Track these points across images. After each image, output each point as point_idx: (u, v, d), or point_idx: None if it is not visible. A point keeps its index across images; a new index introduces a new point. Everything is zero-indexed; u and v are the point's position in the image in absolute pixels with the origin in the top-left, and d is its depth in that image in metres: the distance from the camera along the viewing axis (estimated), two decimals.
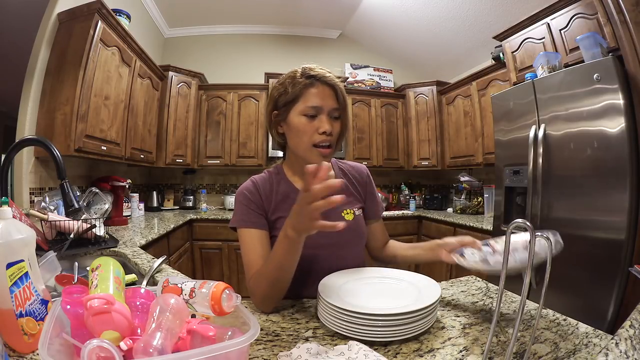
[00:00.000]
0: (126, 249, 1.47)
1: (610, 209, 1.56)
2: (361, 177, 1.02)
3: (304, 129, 0.84)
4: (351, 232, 0.93)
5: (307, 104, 0.84)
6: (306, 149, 0.85)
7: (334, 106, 0.85)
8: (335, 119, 0.86)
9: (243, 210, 0.89)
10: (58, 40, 1.92)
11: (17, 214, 1.10)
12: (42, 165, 1.93)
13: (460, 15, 2.98)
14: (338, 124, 0.86)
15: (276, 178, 0.94)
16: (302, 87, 0.84)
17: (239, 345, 0.46)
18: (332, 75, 0.86)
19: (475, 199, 3.16)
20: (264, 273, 0.76)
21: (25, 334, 0.55)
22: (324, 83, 0.84)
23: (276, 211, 0.90)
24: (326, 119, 0.83)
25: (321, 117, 0.84)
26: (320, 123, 0.83)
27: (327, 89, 0.84)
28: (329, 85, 0.85)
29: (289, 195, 0.91)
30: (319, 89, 0.84)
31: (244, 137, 3.42)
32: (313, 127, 0.83)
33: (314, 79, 0.84)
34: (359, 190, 1.00)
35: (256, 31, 3.95)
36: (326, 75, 0.85)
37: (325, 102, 0.84)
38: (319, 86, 0.84)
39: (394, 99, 3.79)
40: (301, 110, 0.84)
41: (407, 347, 0.61)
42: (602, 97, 1.59)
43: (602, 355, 0.47)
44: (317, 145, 0.84)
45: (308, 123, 0.84)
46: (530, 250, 0.44)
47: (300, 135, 0.85)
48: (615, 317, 1.51)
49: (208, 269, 2.98)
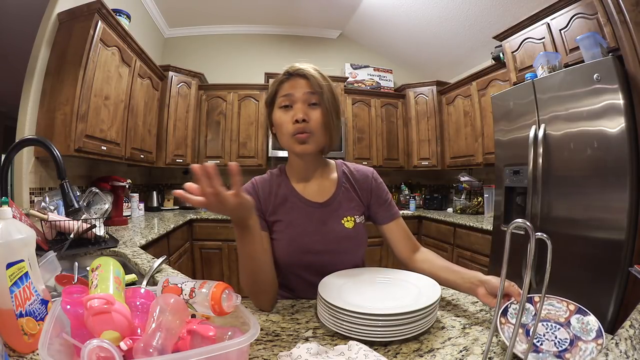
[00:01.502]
0: (126, 249, 1.47)
1: (610, 209, 1.56)
2: (365, 181, 0.96)
3: (280, 120, 0.85)
4: (350, 240, 0.90)
5: (281, 96, 0.86)
6: (287, 140, 0.85)
7: (306, 91, 0.84)
8: (314, 105, 0.85)
9: None
10: (58, 40, 1.92)
11: (17, 214, 1.10)
12: (42, 165, 1.93)
13: (460, 15, 2.98)
14: (317, 111, 0.84)
15: (277, 180, 0.94)
16: (278, 83, 0.87)
17: (239, 345, 0.46)
18: (307, 67, 0.86)
19: (475, 199, 3.16)
20: (242, 269, 0.76)
21: (25, 334, 0.55)
22: (296, 75, 0.85)
23: (274, 213, 0.90)
24: (301, 107, 0.83)
25: (295, 106, 0.84)
26: (294, 112, 0.84)
27: (299, 79, 0.85)
28: (300, 76, 0.85)
29: (288, 198, 0.91)
30: (291, 81, 0.85)
31: (244, 137, 3.42)
32: (289, 117, 0.84)
33: (288, 74, 0.86)
34: (360, 196, 0.95)
35: (256, 31, 3.95)
36: (301, 67, 0.86)
37: (296, 90, 0.84)
38: (292, 79, 0.85)
39: (394, 99, 3.79)
40: (278, 103, 0.86)
41: (407, 347, 0.61)
42: (602, 97, 1.59)
43: (602, 355, 0.47)
44: (294, 134, 0.84)
45: (284, 114, 0.85)
46: (530, 250, 0.44)
47: (280, 129, 0.86)
48: (615, 317, 1.51)
49: (208, 269, 2.99)
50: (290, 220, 0.89)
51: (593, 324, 0.59)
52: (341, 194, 0.93)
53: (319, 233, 0.89)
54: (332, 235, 0.89)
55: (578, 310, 0.62)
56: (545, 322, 0.62)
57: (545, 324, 0.61)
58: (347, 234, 0.90)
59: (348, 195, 0.94)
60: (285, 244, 0.88)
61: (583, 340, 0.57)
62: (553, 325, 0.61)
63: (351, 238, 0.91)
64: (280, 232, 0.89)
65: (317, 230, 0.89)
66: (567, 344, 0.56)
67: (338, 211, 0.91)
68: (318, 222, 0.89)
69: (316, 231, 0.89)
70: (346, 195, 0.93)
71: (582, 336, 0.58)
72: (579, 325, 0.60)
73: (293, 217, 0.89)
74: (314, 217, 0.90)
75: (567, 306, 0.63)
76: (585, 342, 0.56)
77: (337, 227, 0.90)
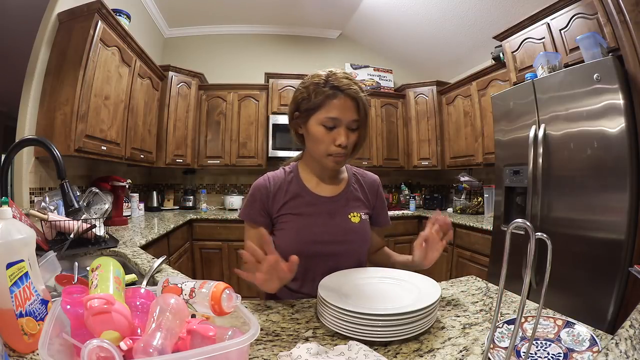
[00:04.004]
0: (126, 249, 1.47)
1: (610, 209, 1.56)
2: (372, 185, 1.04)
3: (321, 138, 0.86)
4: (356, 234, 0.95)
5: (327, 114, 0.84)
6: (321, 156, 0.88)
7: (354, 118, 0.85)
8: (354, 130, 0.87)
9: (249, 206, 0.94)
10: (58, 40, 1.92)
11: (17, 214, 1.10)
12: (42, 165, 1.93)
13: (460, 15, 2.98)
14: (355, 134, 0.88)
15: (289, 177, 0.97)
16: (324, 98, 0.84)
17: (239, 345, 0.46)
18: (356, 87, 0.86)
19: (475, 199, 3.16)
20: None
21: (25, 334, 0.55)
22: (347, 95, 0.84)
23: (282, 208, 0.93)
24: (344, 132, 0.85)
25: (339, 129, 0.85)
26: (338, 135, 0.85)
27: (348, 100, 0.84)
28: (351, 98, 0.84)
29: (299, 194, 0.94)
30: (340, 101, 0.84)
31: (244, 137, 3.42)
32: (330, 137, 0.85)
33: (337, 90, 0.84)
34: (368, 198, 1.02)
35: (256, 31, 3.95)
36: (351, 87, 0.84)
37: (345, 114, 0.84)
38: (341, 98, 0.84)
39: (394, 99, 3.79)
40: (321, 120, 0.85)
41: (407, 347, 0.61)
42: (602, 97, 1.59)
43: (602, 355, 0.47)
44: (332, 154, 0.87)
45: (326, 133, 0.85)
46: (530, 250, 0.44)
47: (318, 144, 0.87)
48: (615, 317, 1.51)
49: (208, 269, 2.99)
50: (300, 212, 0.92)
51: (584, 334, 0.59)
52: (350, 193, 0.98)
53: (327, 224, 0.92)
54: (340, 227, 0.93)
55: (566, 324, 0.62)
56: (535, 340, 0.61)
57: (535, 343, 0.60)
58: (354, 228, 0.94)
59: (356, 195, 0.99)
60: (293, 233, 0.91)
61: (577, 352, 0.56)
62: (543, 342, 0.60)
63: (357, 231, 0.95)
64: (288, 223, 0.92)
65: (325, 222, 0.92)
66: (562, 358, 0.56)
67: (346, 207, 0.96)
68: (326, 215, 0.93)
69: (324, 222, 0.92)
70: (354, 195, 0.99)
71: (575, 348, 0.57)
72: (570, 339, 0.59)
73: (302, 210, 0.93)
74: (323, 209, 0.93)
75: (555, 322, 0.63)
76: (580, 352, 0.56)
77: (345, 220, 0.94)
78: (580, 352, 0.56)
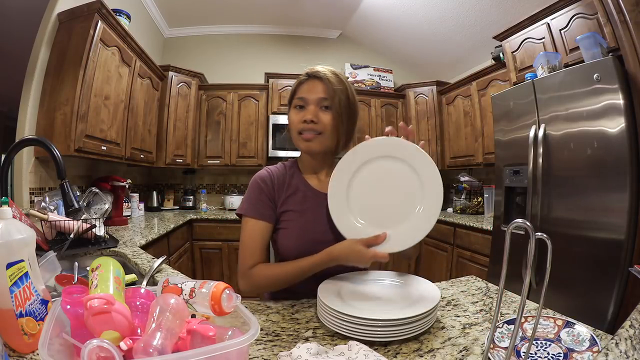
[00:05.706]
0: (126, 249, 1.47)
1: (610, 209, 1.56)
2: None
3: (292, 119, 0.91)
4: None
5: (297, 97, 0.90)
6: (294, 137, 0.91)
7: (320, 96, 0.88)
8: (326, 108, 0.89)
9: (254, 198, 0.91)
10: (58, 40, 1.92)
11: (17, 214, 1.10)
12: (42, 165, 1.93)
13: (460, 15, 2.98)
14: (328, 114, 0.88)
15: (290, 171, 0.97)
16: (297, 85, 0.92)
17: (239, 345, 0.46)
18: (325, 70, 0.90)
19: (475, 199, 3.16)
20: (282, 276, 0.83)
21: (25, 334, 0.55)
22: (314, 77, 0.89)
23: (284, 204, 0.92)
24: (313, 109, 0.88)
25: (308, 107, 0.88)
26: (305, 113, 0.88)
27: (316, 81, 0.89)
28: (318, 78, 0.89)
29: (300, 189, 0.94)
30: (309, 83, 0.90)
31: (244, 137, 3.42)
32: (299, 117, 0.89)
33: (308, 75, 0.90)
34: None
35: (256, 31, 3.95)
36: (319, 69, 0.90)
37: (311, 93, 0.88)
38: (310, 81, 0.90)
39: (394, 99, 3.79)
40: (294, 104, 0.91)
41: (407, 347, 0.61)
42: (602, 97, 1.59)
43: (602, 355, 0.47)
44: (301, 132, 0.89)
45: (296, 114, 0.90)
46: (530, 250, 0.44)
47: (291, 126, 0.92)
48: (615, 317, 1.51)
49: (208, 269, 2.99)
50: (302, 210, 0.92)
51: (584, 334, 0.59)
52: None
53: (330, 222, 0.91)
54: None
55: (566, 324, 0.62)
56: (535, 340, 0.61)
57: (535, 343, 0.60)
58: None
59: None
60: (296, 232, 0.91)
61: (577, 352, 0.56)
62: (543, 342, 0.60)
63: None
64: (291, 221, 0.91)
65: (329, 220, 0.91)
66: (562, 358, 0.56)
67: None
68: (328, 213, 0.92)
69: (328, 220, 0.91)
70: None
71: (575, 348, 0.57)
72: (570, 339, 0.59)
73: (305, 207, 0.92)
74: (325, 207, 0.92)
75: (555, 322, 0.63)
76: (580, 352, 0.56)
77: None
78: (580, 352, 0.56)
